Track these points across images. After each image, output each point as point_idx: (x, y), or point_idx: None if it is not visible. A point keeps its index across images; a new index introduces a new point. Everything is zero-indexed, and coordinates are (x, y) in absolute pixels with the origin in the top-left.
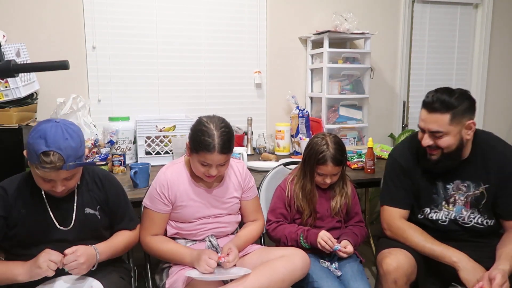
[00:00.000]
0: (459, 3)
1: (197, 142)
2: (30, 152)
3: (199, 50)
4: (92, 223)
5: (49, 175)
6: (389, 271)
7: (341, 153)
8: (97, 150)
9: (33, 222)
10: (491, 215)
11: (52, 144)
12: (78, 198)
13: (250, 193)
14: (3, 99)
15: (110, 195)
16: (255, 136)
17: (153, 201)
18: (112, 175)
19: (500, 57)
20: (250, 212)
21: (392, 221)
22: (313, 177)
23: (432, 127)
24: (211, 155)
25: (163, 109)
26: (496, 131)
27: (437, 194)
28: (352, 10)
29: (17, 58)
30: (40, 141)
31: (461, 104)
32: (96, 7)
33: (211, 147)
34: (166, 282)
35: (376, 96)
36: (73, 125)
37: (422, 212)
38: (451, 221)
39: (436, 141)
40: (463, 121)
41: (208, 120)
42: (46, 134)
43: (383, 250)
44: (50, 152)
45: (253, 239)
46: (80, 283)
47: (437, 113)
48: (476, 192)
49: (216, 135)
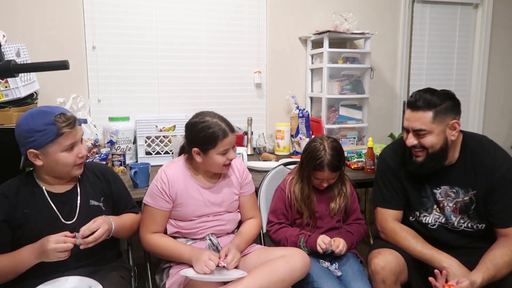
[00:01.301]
0: (459, 3)
1: (207, 138)
2: (39, 134)
3: (199, 50)
4: (96, 215)
5: (73, 134)
6: (377, 271)
7: (338, 159)
8: (97, 150)
9: (38, 219)
10: (481, 219)
11: (53, 110)
12: (81, 191)
13: (248, 188)
14: (3, 99)
15: (113, 186)
16: (255, 136)
17: (154, 198)
18: (110, 168)
19: (500, 57)
20: (248, 208)
21: (385, 223)
22: (310, 181)
23: (415, 125)
24: (227, 139)
25: (163, 109)
26: (496, 131)
27: (427, 197)
28: (352, 10)
29: (17, 58)
30: (43, 117)
31: (443, 102)
32: (96, 7)
33: (224, 132)
34: (166, 282)
35: (376, 96)
36: None
37: (413, 214)
38: (440, 225)
39: (420, 140)
40: (446, 120)
41: (199, 116)
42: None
43: (373, 250)
44: (57, 115)
45: (253, 237)
46: (80, 284)
47: (420, 111)
48: (465, 199)
49: (219, 121)
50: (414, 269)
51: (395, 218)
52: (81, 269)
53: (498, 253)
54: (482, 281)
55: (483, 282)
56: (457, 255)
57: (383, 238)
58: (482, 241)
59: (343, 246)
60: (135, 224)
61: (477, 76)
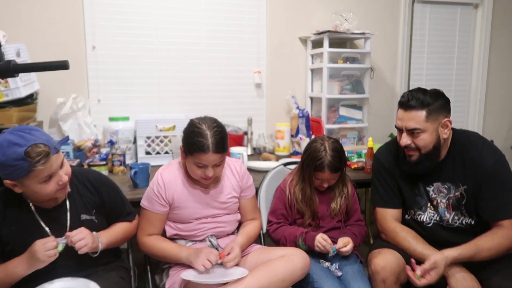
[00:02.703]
0: (459, 3)
1: (191, 144)
2: (11, 168)
3: (199, 50)
4: (89, 229)
5: (45, 169)
6: (377, 271)
7: (339, 160)
8: (97, 150)
9: (26, 236)
10: (473, 215)
11: (24, 142)
12: (71, 205)
13: (249, 192)
14: (3, 99)
15: (106, 197)
16: (255, 136)
17: (150, 201)
18: (103, 175)
19: (500, 57)
20: (249, 211)
21: (384, 223)
22: (311, 182)
23: (409, 124)
24: (205, 155)
25: (163, 109)
26: (496, 131)
27: (420, 196)
28: (352, 10)
29: (17, 58)
30: (13, 148)
31: (436, 101)
32: (96, 7)
33: (206, 147)
34: (166, 282)
35: (376, 96)
36: (18, 127)
37: (408, 213)
38: (436, 223)
39: (414, 139)
40: (439, 119)
41: (200, 121)
42: (11, 141)
43: (373, 250)
44: (28, 148)
45: (255, 237)
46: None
47: (413, 110)
48: (456, 194)
49: (210, 135)
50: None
51: (394, 217)
52: (81, 270)
53: (484, 237)
54: (458, 256)
55: (459, 257)
56: None
57: (384, 238)
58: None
59: (350, 248)
60: (130, 231)
61: (477, 76)
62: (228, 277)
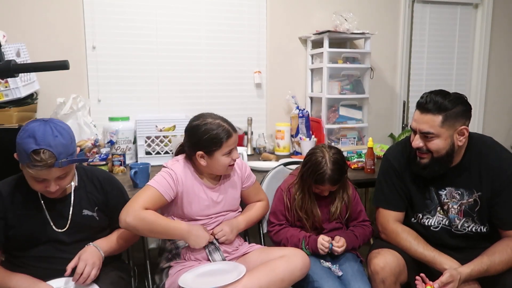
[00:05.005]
0: (459, 3)
1: (211, 140)
2: (20, 152)
3: (199, 50)
4: (89, 224)
5: (42, 174)
6: (377, 271)
7: (339, 173)
8: (97, 150)
9: (30, 223)
10: (485, 222)
11: (41, 142)
12: (75, 199)
13: (250, 180)
14: (3, 99)
15: (110, 197)
16: (255, 136)
17: (160, 182)
18: (112, 176)
19: (500, 57)
20: (254, 195)
21: (386, 224)
22: (311, 193)
23: (423, 127)
24: (231, 139)
25: (163, 109)
26: (496, 131)
27: (430, 199)
28: (352, 10)
29: (17, 58)
30: (29, 140)
31: (455, 107)
32: (96, 7)
33: (226, 133)
34: (166, 282)
35: (376, 96)
36: (62, 123)
37: (415, 216)
38: (443, 228)
39: (427, 143)
40: (455, 125)
41: (201, 119)
42: (35, 133)
43: (373, 250)
44: (40, 150)
45: (257, 218)
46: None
47: (429, 114)
48: (469, 200)
49: (221, 121)
50: (413, 269)
51: (396, 219)
52: None
53: (498, 250)
54: (472, 272)
55: (472, 274)
56: (458, 256)
57: (384, 238)
58: (485, 241)
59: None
60: (131, 238)
61: (477, 76)
62: (226, 280)
